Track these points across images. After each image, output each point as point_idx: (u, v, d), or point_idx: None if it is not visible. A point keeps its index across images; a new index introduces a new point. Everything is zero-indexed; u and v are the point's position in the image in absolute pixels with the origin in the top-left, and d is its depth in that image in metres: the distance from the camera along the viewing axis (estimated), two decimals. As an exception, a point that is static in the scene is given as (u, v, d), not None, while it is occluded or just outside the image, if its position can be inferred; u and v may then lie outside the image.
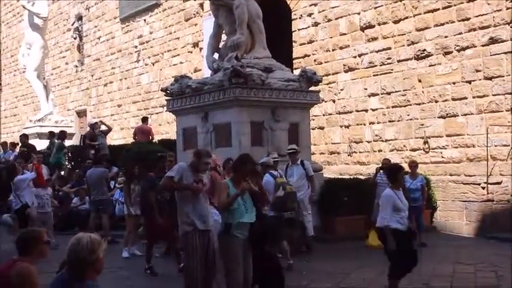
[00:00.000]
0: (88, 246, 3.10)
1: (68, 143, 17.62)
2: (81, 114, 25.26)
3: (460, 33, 11.66)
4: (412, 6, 12.60)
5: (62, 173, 14.57)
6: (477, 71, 11.34)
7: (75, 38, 25.82)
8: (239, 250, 5.09)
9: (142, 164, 10.73)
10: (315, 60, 14.84)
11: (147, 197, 8.13)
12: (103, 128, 16.17)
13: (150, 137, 16.14)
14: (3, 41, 31.69)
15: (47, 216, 10.43)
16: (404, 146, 12.76)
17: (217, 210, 6.46)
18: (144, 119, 16.92)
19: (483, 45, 11.26)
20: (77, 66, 25.67)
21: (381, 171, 10.01)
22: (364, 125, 13.68)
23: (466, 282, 7.05)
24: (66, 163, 15.91)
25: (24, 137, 16.45)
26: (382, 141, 13.24)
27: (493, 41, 11.10)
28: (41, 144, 17.82)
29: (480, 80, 11.31)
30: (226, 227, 5.07)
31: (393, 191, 6.16)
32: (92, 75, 24.44)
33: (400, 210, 6.09)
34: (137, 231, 10.39)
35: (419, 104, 12.45)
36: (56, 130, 18.86)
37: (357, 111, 13.84)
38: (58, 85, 26.41)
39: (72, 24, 25.94)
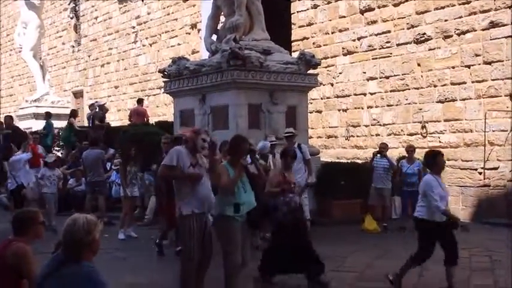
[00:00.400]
0: (84, 227, 3.08)
1: (64, 123, 17.55)
2: (77, 95, 25.13)
3: (460, 17, 11.58)
4: (413, -10, 12.49)
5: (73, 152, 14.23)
6: (477, 55, 11.28)
7: (71, 18, 25.59)
8: (238, 233, 5.08)
9: (138, 145, 10.70)
10: (313, 43, 14.74)
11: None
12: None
13: (145, 119, 16.09)
14: (-1, 20, 31.40)
15: (52, 197, 10.26)
16: (402, 130, 12.74)
17: None
18: (140, 101, 16.84)
19: (483, 29, 11.19)
20: (73, 47, 25.47)
21: (378, 155, 10.01)
22: (362, 108, 13.64)
23: (461, 266, 7.05)
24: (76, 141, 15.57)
25: (9, 119, 15.91)
26: (380, 125, 13.22)
27: (493, 25, 11.03)
28: (38, 125, 17.76)
29: (479, 64, 11.25)
30: (236, 207, 5.05)
31: (434, 177, 5.90)
32: (89, 56, 24.27)
33: (442, 198, 5.80)
34: (133, 213, 10.41)
35: (417, 89, 12.40)
36: (53, 111, 18.81)
37: (355, 95, 13.79)
38: (54, 65, 26.24)
39: (69, 4, 25.69)
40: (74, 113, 16.24)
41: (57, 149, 17.11)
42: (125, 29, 22.15)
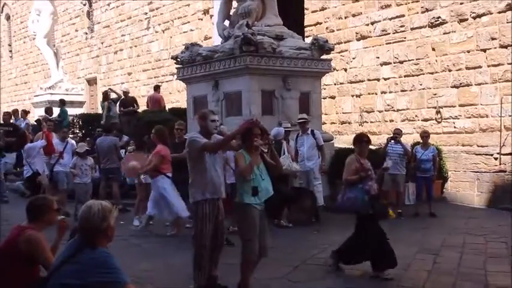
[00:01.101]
0: (99, 213, 3.11)
1: (78, 111, 17.67)
2: (91, 82, 25.24)
3: (476, 0, 11.39)
4: (428, -27, 12.31)
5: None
6: (493, 39, 11.11)
7: (84, 5, 25.60)
8: (256, 220, 5.05)
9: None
10: (326, 28, 14.62)
11: None
12: (113, 96, 16.15)
13: (162, 106, 16.12)
14: (12, 6, 31.51)
15: (85, 187, 9.85)
16: (416, 116, 12.63)
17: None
18: (156, 87, 16.83)
19: (499, 12, 11.00)
20: (86, 34, 25.53)
21: (392, 141, 9.94)
22: (376, 94, 13.54)
23: (477, 253, 7.04)
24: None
25: (8, 116, 14.81)
26: (394, 111, 13.12)
27: (510, 7, 10.83)
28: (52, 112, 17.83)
29: (495, 48, 11.08)
30: (254, 190, 5.02)
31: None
32: (102, 43, 24.31)
33: None
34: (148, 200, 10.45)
35: (432, 73, 12.27)
36: (67, 98, 18.94)
37: (369, 80, 13.68)
38: (68, 52, 26.33)
39: (82, -9, 25.71)
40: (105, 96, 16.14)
41: (72, 136, 17.24)
42: (137, 15, 22.13)
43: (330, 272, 6.18)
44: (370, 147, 12.63)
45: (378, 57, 13.43)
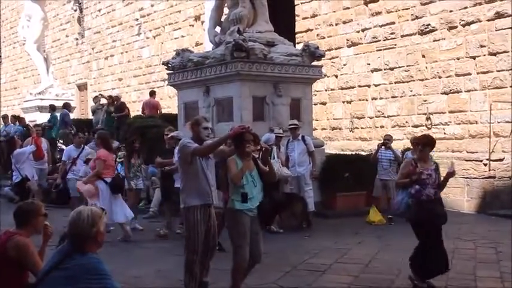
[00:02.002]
0: (89, 219, 3.08)
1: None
2: (81, 87, 25.15)
3: (466, 8, 11.50)
4: (417, -20, 12.41)
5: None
6: (482, 46, 11.21)
7: (75, 10, 25.56)
8: (246, 226, 5.04)
9: (142, 138, 10.70)
10: (317, 35, 14.68)
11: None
12: (103, 101, 16.09)
13: (158, 111, 16.12)
14: (2, 12, 31.37)
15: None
16: (406, 122, 12.70)
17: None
18: (152, 93, 16.87)
19: (488, 20, 11.11)
20: (77, 39, 25.46)
21: (383, 147, 9.97)
22: (367, 100, 13.60)
23: (467, 258, 7.07)
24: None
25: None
26: (385, 117, 13.18)
27: (498, 15, 10.95)
28: (42, 118, 17.78)
29: (485, 55, 11.18)
30: (243, 196, 5.01)
31: None
32: (93, 48, 24.25)
33: None
34: (138, 205, 10.42)
35: (422, 80, 12.35)
36: (57, 103, 18.83)
37: (360, 86, 13.74)
38: (58, 58, 26.24)
39: (73, -4, 25.67)
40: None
41: (62, 141, 17.15)
42: (128, 21, 22.11)
43: (320, 277, 6.17)
44: (361, 153, 12.72)
45: (369, 64, 13.50)
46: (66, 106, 16.79)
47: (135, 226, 9.39)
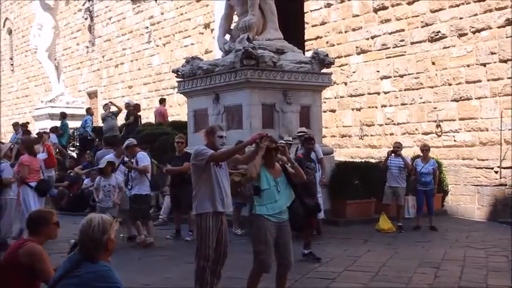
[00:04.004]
0: (99, 227, 3.09)
1: (78, 124, 17.69)
2: (92, 95, 25.30)
3: (476, 15, 11.47)
4: (427, -13, 12.40)
5: None
6: (492, 53, 11.17)
7: (86, 19, 25.76)
8: (266, 231, 4.95)
9: (152, 146, 10.74)
10: (327, 42, 14.69)
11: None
12: (113, 109, 16.19)
13: (165, 118, 16.28)
14: (14, 21, 31.69)
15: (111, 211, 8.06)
16: (416, 129, 12.65)
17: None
18: (161, 101, 17.19)
19: (499, 27, 11.07)
20: (87, 47, 25.64)
21: (392, 154, 9.94)
22: (376, 108, 13.57)
23: (478, 267, 7.01)
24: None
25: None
26: (394, 124, 13.14)
27: (509, 22, 10.91)
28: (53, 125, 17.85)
29: (495, 62, 11.13)
30: (255, 189, 4.96)
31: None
32: (103, 56, 24.42)
33: None
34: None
35: (432, 87, 12.31)
36: (67, 111, 18.97)
37: (369, 94, 13.72)
38: (69, 66, 26.44)
39: (83, 5, 25.87)
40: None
41: (72, 149, 17.27)
42: (138, 29, 22.25)
43: (330, 285, 6.15)
44: (370, 160, 12.67)
45: (378, 71, 13.48)
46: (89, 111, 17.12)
47: (145, 233, 9.41)
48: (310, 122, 10.80)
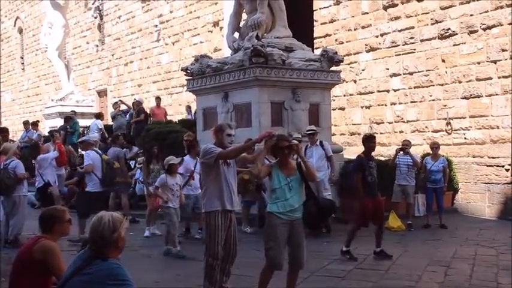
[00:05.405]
0: (110, 224, 3.11)
1: (88, 122, 17.78)
2: (101, 93, 25.41)
3: (486, 11, 11.38)
4: (437, -16, 12.32)
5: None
6: (503, 50, 11.08)
7: (95, 17, 25.85)
8: (277, 229, 4.97)
9: (161, 144, 10.77)
10: (336, 40, 14.65)
11: (353, 178, 7.73)
12: (123, 107, 16.26)
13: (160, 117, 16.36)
14: (25, 20, 31.88)
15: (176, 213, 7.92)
16: (426, 127, 12.59)
17: None
18: (156, 99, 17.20)
19: (510, 24, 10.98)
20: (97, 46, 25.75)
21: (401, 152, 9.91)
22: (386, 105, 13.52)
23: (488, 265, 6.98)
24: None
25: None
26: (404, 122, 13.09)
27: (520, 19, 10.82)
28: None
29: (506, 59, 11.05)
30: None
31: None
32: (113, 55, 24.50)
33: None
34: (157, 211, 10.46)
35: (442, 85, 12.25)
36: (77, 110, 19.08)
37: (379, 91, 13.67)
38: (79, 64, 26.56)
39: (93, 3, 25.96)
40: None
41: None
42: (147, 27, 22.31)
43: (339, 283, 6.15)
44: (380, 158, 12.64)
45: (388, 69, 13.42)
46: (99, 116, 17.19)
47: (154, 231, 9.46)
48: (319, 120, 10.79)
